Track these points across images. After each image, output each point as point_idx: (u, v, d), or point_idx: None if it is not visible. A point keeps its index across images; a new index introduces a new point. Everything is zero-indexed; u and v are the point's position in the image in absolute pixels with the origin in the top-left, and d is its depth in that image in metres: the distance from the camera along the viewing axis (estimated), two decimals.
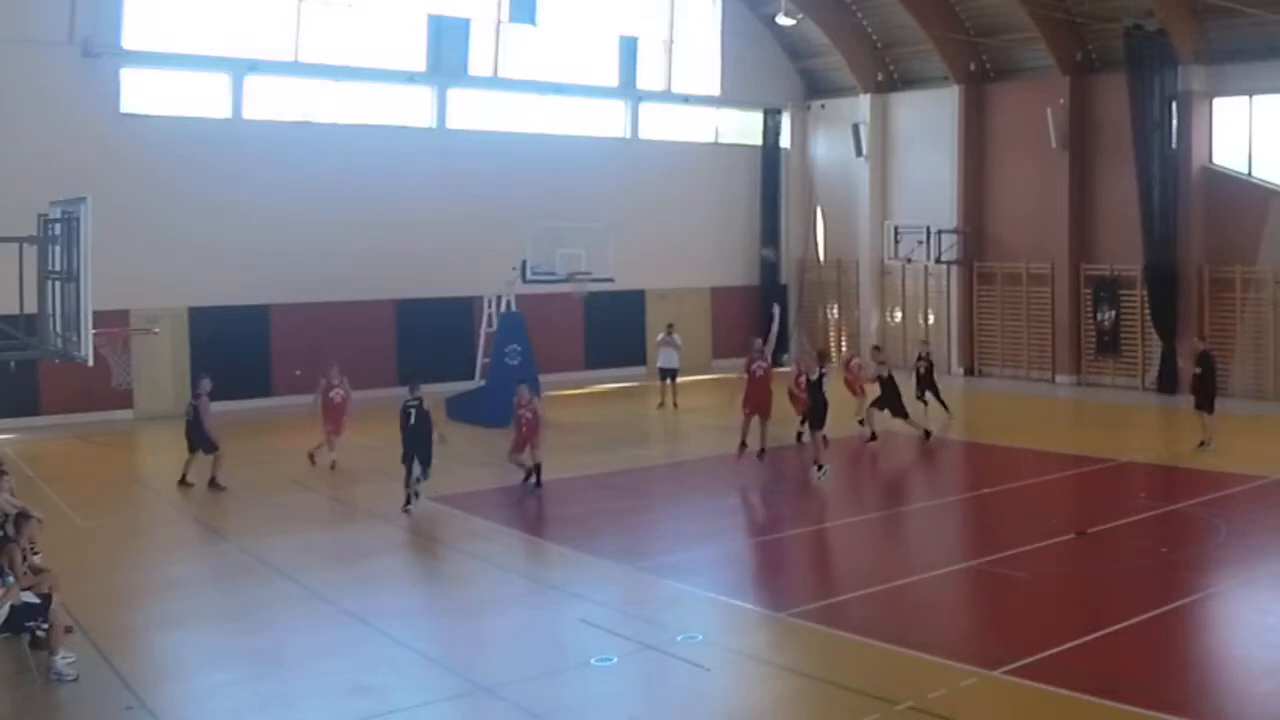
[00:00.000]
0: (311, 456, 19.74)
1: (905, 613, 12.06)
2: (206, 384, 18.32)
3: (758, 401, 19.50)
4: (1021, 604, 12.37)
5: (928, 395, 23.70)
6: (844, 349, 25.95)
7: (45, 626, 10.16)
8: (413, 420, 16.51)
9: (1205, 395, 20.28)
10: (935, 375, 24.23)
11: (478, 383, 25.10)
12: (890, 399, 21.59)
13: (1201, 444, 20.04)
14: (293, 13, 27.01)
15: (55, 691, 9.95)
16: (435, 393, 25.97)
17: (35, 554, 11.98)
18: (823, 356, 19.83)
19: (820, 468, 17.98)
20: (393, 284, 27.87)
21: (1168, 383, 26.93)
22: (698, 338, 30.92)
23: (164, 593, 12.99)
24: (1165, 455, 20.15)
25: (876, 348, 25.38)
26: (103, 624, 11.50)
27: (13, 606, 10.07)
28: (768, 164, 35.07)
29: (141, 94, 25.42)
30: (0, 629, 10.15)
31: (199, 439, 18.07)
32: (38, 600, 10.34)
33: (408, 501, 16.36)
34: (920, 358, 24.12)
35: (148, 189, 24.58)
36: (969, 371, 31.69)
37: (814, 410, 18.55)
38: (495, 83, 30.18)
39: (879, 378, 21.85)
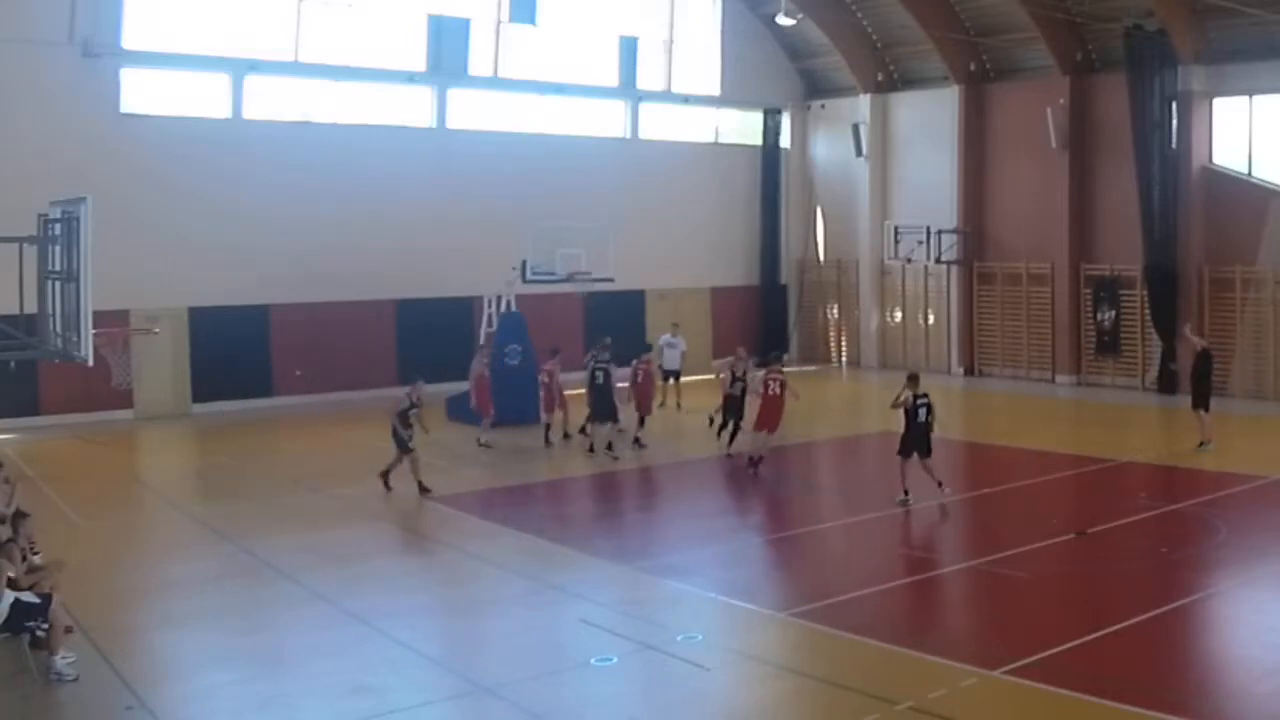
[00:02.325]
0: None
1: (905, 613, 12.07)
2: (421, 385, 17.87)
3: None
4: (1021, 604, 12.38)
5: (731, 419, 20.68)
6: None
7: (45, 626, 10.15)
8: (599, 380, 19.06)
9: (1202, 394, 20.34)
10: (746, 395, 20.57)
11: None
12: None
13: (1201, 444, 20.07)
14: (293, 13, 27.00)
15: (55, 691, 9.94)
16: (435, 393, 26.15)
17: (35, 553, 12.00)
18: (913, 380, 16.85)
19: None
20: (393, 284, 27.88)
21: (1168, 383, 26.93)
22: (698, 338, 30.90)
23: (164, 593, 12.99)
24: (1165, 455, 20.16)
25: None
26: (103, 624, 11.49)
27: (13, 606, 10.08)
28: (768, 164, 35.06)
29: (141, 94, 25.40)
30: (0, 629, 10.15)
31: (397, 440, 17.54)
32: (37, 600, 10.35)
33: (591, 448, 19.39)
34: (735, 377, 20.71)
35: (148, 189, 24.58)
36: (969, 371, 31.69)
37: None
38: (495, 83, 30.17)
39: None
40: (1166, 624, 11.39)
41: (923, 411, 16.47)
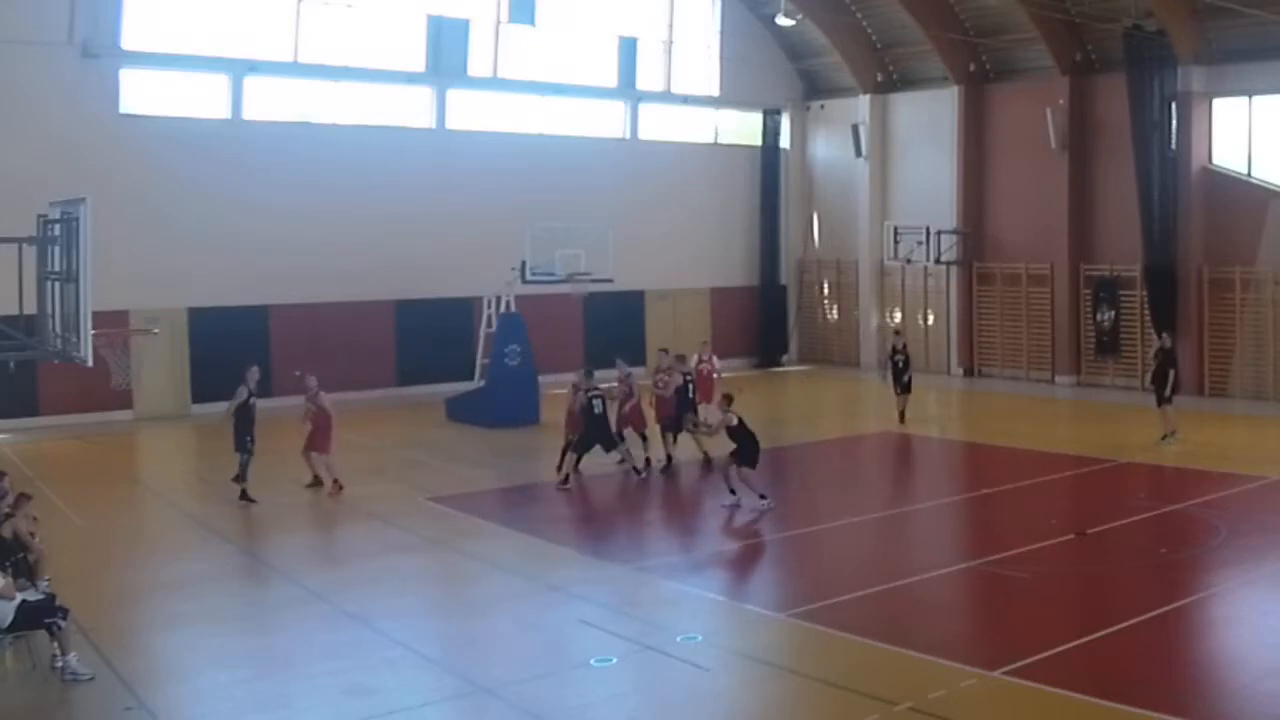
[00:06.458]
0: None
1: (905, 613, 12.06)
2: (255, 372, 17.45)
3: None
4: (1021, 604, 12.37)
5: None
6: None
7: (63, 621, 10.12)
8: (596, 410, 17.95)
9: (1171, 389, 20.87)
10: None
11: (477, 383, 25.10)
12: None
13: (1165, 437, 20.56)
14: (292, 13, 26.99)
15: (56, 691, 9.95)
16: (435, 393, 26.19)
17: (31, 533, 12.03)
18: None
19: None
20: (393, 284, 27.86)
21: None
22: (696, 338, 30.84)
23: (164, 593, 12.97)
24: (1165, 455, 20.13)
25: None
26: (103, 624, 11.49)
27: (27, 603, 10.14)
28: (767, 164, 35.03)
29: (141, 94, 25.40)
30: (18, 627, 10.14)
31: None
32: (41, 598, 10.38)
33: (566, 480, 17.75)
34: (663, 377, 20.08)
35: (147, 190, 24.58)
36: (969, 372, 31.69)
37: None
38: (495, 83, 30.17)
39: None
40: (1166, 624, 11.39)
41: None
